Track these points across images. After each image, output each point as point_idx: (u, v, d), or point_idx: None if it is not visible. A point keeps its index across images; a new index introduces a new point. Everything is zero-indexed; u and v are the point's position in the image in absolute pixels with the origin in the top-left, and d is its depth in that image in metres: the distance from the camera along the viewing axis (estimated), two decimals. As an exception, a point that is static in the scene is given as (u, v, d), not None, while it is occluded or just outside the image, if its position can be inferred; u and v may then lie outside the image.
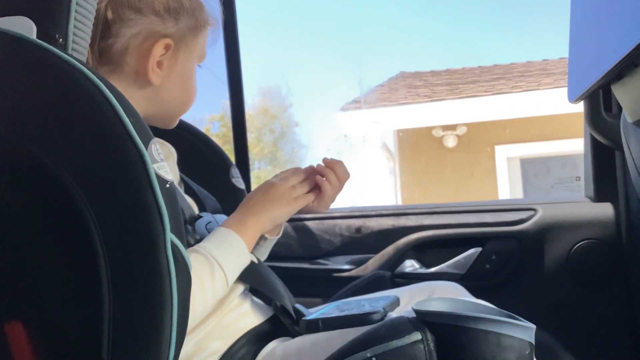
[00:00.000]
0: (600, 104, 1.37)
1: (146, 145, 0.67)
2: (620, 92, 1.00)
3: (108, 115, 0.66)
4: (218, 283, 0.89)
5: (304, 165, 1.10)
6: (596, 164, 1.57)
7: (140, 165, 0.66)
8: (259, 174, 6.96)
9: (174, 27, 0.95)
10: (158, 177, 0.67)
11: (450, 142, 6.57)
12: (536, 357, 0.85)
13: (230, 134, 1.91)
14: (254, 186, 1.72)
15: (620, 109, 1.16)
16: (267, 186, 1.04)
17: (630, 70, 0.89)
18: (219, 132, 6.33)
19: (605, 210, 1.54)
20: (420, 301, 0.83)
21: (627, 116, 1.04)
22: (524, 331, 0.75)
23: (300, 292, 1.28)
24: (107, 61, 0.92)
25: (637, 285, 1.49)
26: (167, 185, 0.69)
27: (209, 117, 6.33)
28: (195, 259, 0.87)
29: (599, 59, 0.93)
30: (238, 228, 0.96)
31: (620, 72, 0.91)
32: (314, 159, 6.40)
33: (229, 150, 1.87)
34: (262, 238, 1.09)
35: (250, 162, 1.93)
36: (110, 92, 0.67)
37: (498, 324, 0.74)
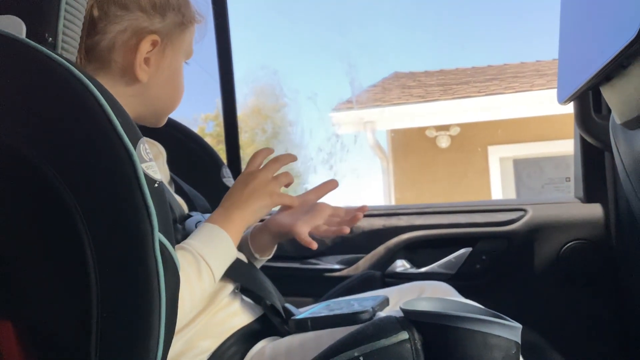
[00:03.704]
0: (589, 106, 1.37)
1: (135, 144, 0.67)
2: (609, 94, 1.01)
3: (97, 115, 0.66)
4: (205, 280, 0.89)
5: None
6: (586, 165, 1.58)
7: (128, 164, 0.66)
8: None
9: (161, 24, 0.95)
10: (146, 176, 0.67)
11: (444, 142, 6.58)
12: (525, 356, 0.85)
13: (225, 134, 1.91)
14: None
15: (609, 110, 1.16)
16: (247, 177, 1.03)
17: (618, 71, 0.90)
18: (213, 131, 6.32)
19: (594, 211, 1.55)
20: (408, 301, 0.83)
21: (615, 117, 1.05)
22: (510, 331, 0.76)
23: (292, 291, 1.29)
24: (94, 58, 0.92)
25: (626, 285, 1.50)
26: (156, 185, 0.69)
27: (203, 116, 6.32)
28: (181, 256, 0.87)
29: (588, 60, 0.94)
30: (223, 223, 0.96)
31: (608, 73, 0.92)
32: (306, 159, 6.40)
33: (223, 149, 1.87)
34: (253, 258, 1.10)
35: (243, 161, 1.93)
36: (99, 91, 0.67)
37: (484, 324, 0.74)
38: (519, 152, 6.45)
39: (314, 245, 1.05)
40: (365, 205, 1.13)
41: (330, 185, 1.13)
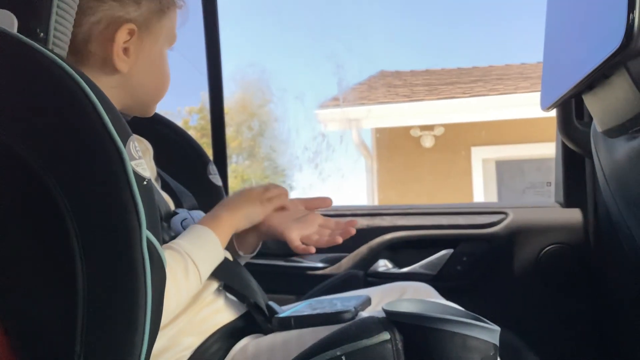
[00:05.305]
0: (572, 112, 1.40)
1: (125, 142, 0.67)
2: (591, 102, 1.03)
3: (87, 112, 0.66)
4: (192, 279, 0.90)
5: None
6: (566, 170, 1.60)
7: (118, 162, 0.66)
8: (236, 168, 6.94)
9: (136, 12, 0.94)
10: (136, 174, 0.67)
11: (428, 142, 6.61)
12: (502, 357, 0.87)
13: (209, 127, 1.90)
14: (230, 181, 1.72)
15: (591, 117, 1.18)
16: (244, 189, 1.07)
17: (601, 81, 0.92)
18: (197, 124, 6.30)
19: (574, 215, 1.58)
20: (390, 302, 0.84)
21: (597, 125, 1.07)
22: (488, 333, 0.77)
23: (274, 289, 1.29)
24: (72, 51, 0.88)
25: (603, 288, 1.53)
26: (145, 183, 0.69)
27: (187, 109, 6.30)
28: (169, 255, 0.87)
29: (572, 69, 0.95)
30: (212, 225, 0.98)
31: (591, 82, 0.93)
32: (292, 157, 6.41)
33: (207, 142, 1.87)
34: (237, 255, 1.11)
35: (229, 158, 1.93)
36: (90, 88, 0.67)
37: (464, 326, 0.76)
38: (501, 154, 6.50)
39: (312, 250, 1.07)
40: (354, 219, 1.15)
41: (323, 202, 1.15)
